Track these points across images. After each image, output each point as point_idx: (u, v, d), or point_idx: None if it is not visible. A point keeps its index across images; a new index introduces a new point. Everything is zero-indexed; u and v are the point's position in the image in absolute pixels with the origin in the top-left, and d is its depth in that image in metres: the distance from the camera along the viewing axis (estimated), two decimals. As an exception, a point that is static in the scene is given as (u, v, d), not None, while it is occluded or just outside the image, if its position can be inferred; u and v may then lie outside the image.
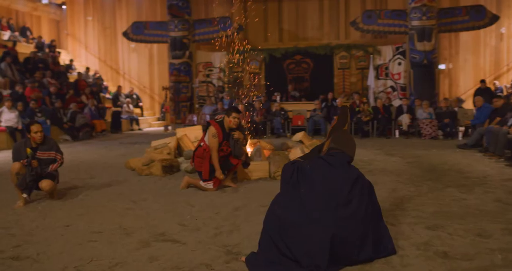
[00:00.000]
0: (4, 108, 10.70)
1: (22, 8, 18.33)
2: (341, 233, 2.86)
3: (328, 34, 16.54)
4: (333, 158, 3.08)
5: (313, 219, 2.90)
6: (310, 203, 2.94)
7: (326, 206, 2.92)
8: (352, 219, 2.91)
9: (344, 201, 2.94)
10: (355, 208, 2.94)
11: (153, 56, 18.72)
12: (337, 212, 2.91)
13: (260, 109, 12.88)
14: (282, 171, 3.15)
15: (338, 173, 3.01)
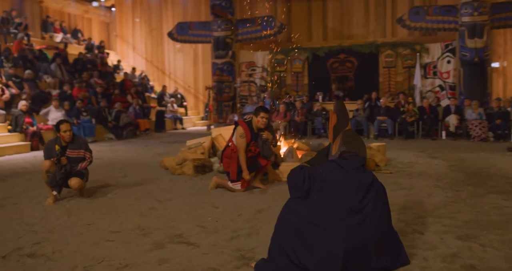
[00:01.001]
0: (52, 108, 11.11)
1: (74, 11, 19.04)
2: (355, 240, 2.67)
3: (373, 32, 16.06)
4: (347, 161, 2.89)
5: (326, 226, 2.73)
6: (322, 209, 2.77)
7: (340, 212, 2.74)
8: (367, 226, 2.71)
9: (359, 206, 2.74)
10: (370, 214, 2.74)
11: (198, 56, 18.91)
12: (351, 218, 2.72)
13: (301, 109, 12.67)
14: (291, 176, 2.96)
15: (352, 177, 2.82)
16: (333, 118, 3.28)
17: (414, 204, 4.55)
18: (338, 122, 3.23)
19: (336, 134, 3.16)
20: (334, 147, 3.07)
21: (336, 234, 2.68)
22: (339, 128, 3.19)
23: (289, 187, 2.98)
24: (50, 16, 17.91)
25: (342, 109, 3.35)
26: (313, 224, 2.75)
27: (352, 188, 2.77)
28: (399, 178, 6.06)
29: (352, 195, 2.76)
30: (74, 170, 5.03)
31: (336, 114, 3.28)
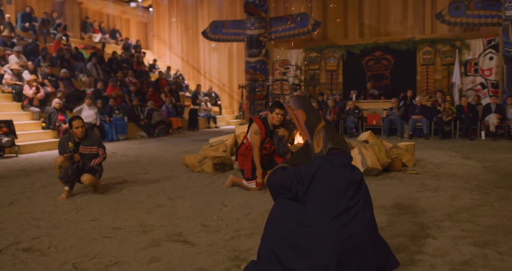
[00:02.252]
0: (85, 105, 11.32)
1: (112, 12, 19.45)
2: (347, 239, 2.48)
3: (412, 28, 15.49)
4: (336, 158, 2.68)
5: (316, 226, 2.53)
6: (312, 209, 2.57)
7: (331, 210, 2.54)
8: (358, 223, 2.53)
9: (350, 204, 2.56)
10: (361, 211, 2.56)
11: (232, 55, 18.90)
12: (342, 217, 2.52)
13: (333, 108, 12.37)
14: (274, 179, 2.73)
15: (343, 174, 2.62)
16: (300, 114, 3.06)
17: (435, 206, 4.25)
18: (309, 118, 3.02)
19: (311, 131, 2.96)
20: (316, 144, 2.86)
21: (327, 234, 2.49)
22: (312, 124, 2.98)
23: (271, 191, 2.76)
24: (89, 17, 18.38)
25: (306, 103, 3.17)
26: (303, 225, 2.57)
27: (343, 185, 2.58)
28: (425, 178, 5.73)
29: (343, 192, 2.57)
30: (87, 166, 5.02)
31: (302, 109, 3.06)
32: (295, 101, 3.19)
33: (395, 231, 3.47)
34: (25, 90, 10.54)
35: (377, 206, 4.32)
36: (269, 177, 2.78)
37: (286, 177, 2.65)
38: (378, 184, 5.47)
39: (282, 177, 2.67)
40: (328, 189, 2.58)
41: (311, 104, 3.15)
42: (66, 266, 2.91)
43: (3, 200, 4.90)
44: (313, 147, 2.89)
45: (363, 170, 5.93)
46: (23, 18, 14.64)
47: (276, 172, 2.74)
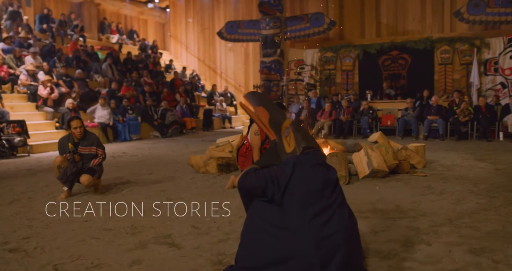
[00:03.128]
0: (98, 106, 11.42)
1: (130, 13, 19.62)
2: (327, 238, 2.42)
3: (430, 27, 15.15)
4: (312, 157, 2.60)
5: (295, 227, 2.44)
6: (290, 211, 2.48)
7: (310, 211, 2.46)
8: (337, 220, 2.47)
9: (327, 203, 2.48)
10: (340, 209, 2.50)
11: (248, 55, 18.84)
12: (321, 216, 2.44)
13: (347, 108, 12.18)
14: (247, 180, 2.62)
15: (320, 174, 2.54)
16: (262, 112, 2.87)
17: (436, 210, 4.10)
18: (272, 115, 2.85)
19: (277, 130, 2.82)
20: (287, 144, 2.75)
21: (308, 234, 2.42)
22: (277, 122, 2.83)
23: (243, 193, 2.66)
24: (107, 18, 18.57)
25: (265, 100, 2.97)
26: (281, 228, 2.48)
27: (320, 184, 2.51)
28: (433, 181, 5.56)
29: (320, 192, 2.50)
30: (86, 167, 5.02)
31: (262, 107, 2.88)
32: (252, 98, 2.96)
33: (389, 236, 3.35)
34: (40, 90, 10.69)
35: (377, 209, 4.20)
36: (241, 179, 2.65)
37: (260, 179, 2.55)
38: (382, 187, 5.32)
39: (256, 179, 2.57)
40: (306, 190, 2.50)
41: (271, 101, 2.97)
42: (47, 267, 2.89)
43: (4, 199, 4.94)
44: (283, 147, 2.76)
45: (368, 172, 5.79)
46: (41, 20, 14.87)
47: (249, 174, 2.63)
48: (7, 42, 11.85)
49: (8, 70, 11.08)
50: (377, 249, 3.08)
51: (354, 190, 5.20)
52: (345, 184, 5.53)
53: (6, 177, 6.60)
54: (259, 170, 2.62)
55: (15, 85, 10.99)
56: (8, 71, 11.03)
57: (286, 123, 2.80)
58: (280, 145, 2.78)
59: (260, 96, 3.02)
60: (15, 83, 10.98)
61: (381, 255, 2.96)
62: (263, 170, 2.61)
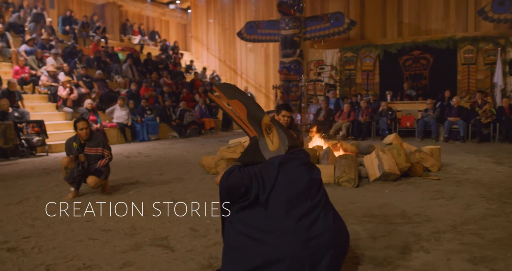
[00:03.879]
0: (117, 106, 11.56)
1: (152, 14, 19.83)
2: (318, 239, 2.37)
3: (454, 26, 14.80)
4: (297, 156, 2.55)
5: (283, 230, 2.39)
6: (276, 213, 2.43)
7: (297, 212, 2.42)
8: (326, 222, 2.44)
9: (314, 203, 2.45)
10: (325, 209, 2.47)
11: (269, 55, 18.80)
12: (309, 217, 2.41)
13: (366, 109, 12.00)
14: (230, 178, 2.51)
15: (305, 173, 2.50)
16: (238, 106, 2.68)
17: (443, 216, 3.97)
18: (250, 110, 2.69)
19: (257, 126, 2.68)
20: (270, 141, 2.66)
21: (295, 236, 2.38)
22: (256, 117, 2.67)
23: (223, 192, 2.53)
24: (129, 20, 18.81)
25: (239, 92, 2.77)
26: (266, 231, 2.43)
27: (306, 185, 2.47)
28: (445, 185, 5.40)
29: (305, 192, 2.46)
30: (93, 168, 5.06)
31: (237, 100, 2.69)
32: (225, 90, 2.75)
33: (388, 243, 3.25)
34: (59, 91, 10.89)
35: (382, 214, 4.10)
36: (224, 176, 2.53)
37: (245, 178, 2.48)
38: (392, 190, 5.21)
39: (240, 178, 2.49)
40: (291, 191, 2.46)
41: (246, 94, 2.79)
42: (40, 268, 2.91)
43: (13, 198, 5.03)
44: (266, 145, 2.66)
45: (379, 175, 5.67)
46: (63, 22, 15.17)
47: (234, 172, 2.53)
48: (30, 44, 12.12)
49: (30, 71, 11.32)
50: (373, 256, 2.99)
51: (363, 193, 5.10)
52: (354, 187, 5.44)
53: (22, 176, 6.74)
54: (243, 168, 2.54)
55: (36, 86, 11.22)
56: (30, 72, 11.28)
57: (266, 120, 2.69)
58: (263, 142, 2.67)
59: (234, 89, 2.81)
60: (36, 84, 11.22)
61: (376, 262, 2.88)
62: (248, 168, 2.54)
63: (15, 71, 10.97)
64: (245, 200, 2.49)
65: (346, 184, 5.52)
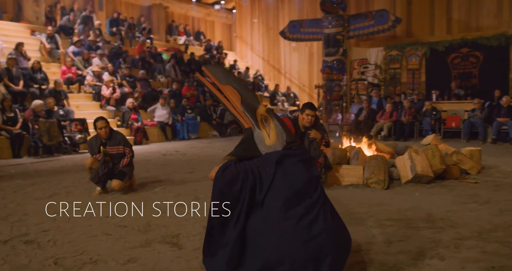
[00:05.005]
0: (158, 105, 11.80)
1: (197, 15, 20.11)
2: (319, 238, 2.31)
3: (507, 22, 13.98)
4: (294, 153, 2.45)
5: (284, 231, 2.32)
6: (275, 213, 2.35)
7: (296, 212, 2.34)
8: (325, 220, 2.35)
9: (312, 201, 2.36)
10: (324, 208, 2.37)
11: (313, 54, 18.58)
12: (308, 216, 2.32)
13: (409, 109, 11.59)
14: (226, 174, 2.42)
15: (304, 171, 2.41)
16: (231, 92, 2.51)
17: (471, 221, 3.74)
18: (245, 98, 2.54)
19: (251, 115, 2.53)
20: (267, 135, 2.54)
21: (296, 237, 2.29)
22: (251, 106, 2.52)
23: (218, 188, 2.42)
24: (175, 21, 19.17)
25: (232, 77, 2.59)
26: (266, 234, 2.35)
27: (303, 182, 2.39)
28: (482, 189, 5.11)
29: (304, 190, 2.38)
30: (117, 167, 5.13)
31: (230, 86, 2.53)
32: (217, 73, 2.58)
33: (403, 247, 3.09)
34: (103, 90, 11.24)
35: (405, 217, 3.92)
36: (220, 172, 2.43)
37: (240, 175, 2.39)
38: (423, 193, 4.98)
39: (236, 174, 2.40)
40: (290, 189, 2.37)
41: (240, 79, 2.58)
42: (49, 261, 2.98)
43: (45, 193, 5.21)
44: (263, 138, 2.53)
45: (411, 177, 5.44)
46: (111, 24, 15.67)
47: (229, 167, 2.43)
48: (77, 45, 12.60)
49: (77, 72, 11.77)
50: (383, 260, 2.85)
51: (391, 195, 4.91)
52: (383, 188, 5.25)
53: (61, 172, 6.99)
54: (239, 164, 2.45)
55: (82, 86, 11.64)
56: (76, 72, 11.72)
57: (262, 110, 2.55)
58: (259, 135, 2.54)
59: (227, 72, 2.64)
60: (82, 84, 11.64)
61: (384, 267, 2.74)
62: (244, 164, 2.44)
63: (62, 71, 11.43)
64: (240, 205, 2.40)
65: (375, 186, 5.33)
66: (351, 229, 3.54)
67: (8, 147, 8.59)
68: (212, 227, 2.45)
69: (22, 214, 4.22)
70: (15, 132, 8.60)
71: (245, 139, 2.61)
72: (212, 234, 2.44)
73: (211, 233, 2.46)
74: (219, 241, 2.41)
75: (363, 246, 3.13)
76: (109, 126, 5.15)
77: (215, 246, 2.43)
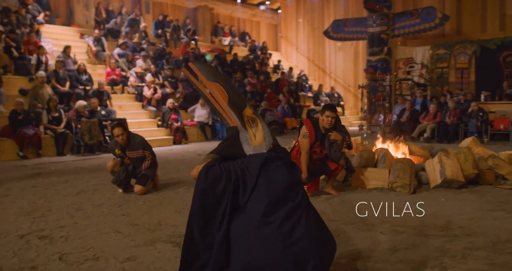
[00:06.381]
0: (198, 105, 11.99)
1: (243, 16, 20.27)
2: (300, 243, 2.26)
3: None
4: (279, 156, 2.41)
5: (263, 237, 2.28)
6: (256, 218, 2.31)
7: (277, 216, 2.29)
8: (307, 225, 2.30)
9: (294, 205, 2.31)
10: (306, 211, 2.32)
11: (358, 54, 18.25)
12: (289, 221, 2.28)
13: (454, 110, 11.12)
14: (210, 174, 2.34)
15: (286, 174, 2.37)
16: (218, 90, 2.46)
17: (490, 231, 3.54)
18: (232, 97, 2.48)
19: (237, 115, 2.49)
20: (253, 135, 2.49)
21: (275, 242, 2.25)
22: (237, 106, 2.46)
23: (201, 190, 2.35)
24: (220, 22, 19.41)
25: (219, 75, 2.53)
26: (246, 238, 2.32)
27: (286, 186, 2.35)
28: (516, 196, 4.82)
29: (286, 194, 2.34)
30: (138, 171, 5.24)
31: (217, 84, 2.47)
32: (204, 70, 2.52)
33: (407, 256, 2.98)
34: (144, 91, 11.58)
35: (421, 224, 3.77)
36: (203, 171, 2.36)
37: (224, 175, 2.34)
38: (450, 199, 4.76)
39: (220, 175, 2.35)
40: (272, 193, 2.32)
41: (228, 79, 2.63)
42: (54, 256, 3.11)
43: (73, 190, 5.44)
44: (248, 138, 2.50)
45: (440, 181, 5.22)
46: (156, 26, 16.09)
47: (213, 167, 2.37)
48: (122, 47, 13.04)
49: (121, 73, 12.18)
50: (380, 269, 2.76)
51: (415, 200, 4.72)
52: (409, 193, 5.06)
53: (96, 170, 7.27)
54: (223, 163, 2.41)
55: (125, 87, 12.04)
56: (120, 73, 12.13)
57: (249, 112, 2.52)
58: (244, 135, 2.51)
59: (214, 70, 2.61)
60: (125, 85, 12.04)
61: (380, 276, 2.65)
62: (228, 164, 2.40)
63: (107, 73, 11.87)
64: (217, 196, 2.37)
65: (400, 190, 5.15)
66: (358, 235, 3.47)
67: (52, 145, 9.04)
68: (191, 230, 2.39)
69: (46, 210, 4.43)
70: (59, 132, 9.04)
71: (230, 136, 2.58)
72: (192, 237, 2.39)
73: (191, 237, 2.38)
74: (199, 246, 2.38)
75: (364, 253, 3.04)
76: (127, 132, 5.18)
77: (194, 252, 2.39)
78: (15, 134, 8.58)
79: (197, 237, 2.37)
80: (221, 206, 2.37)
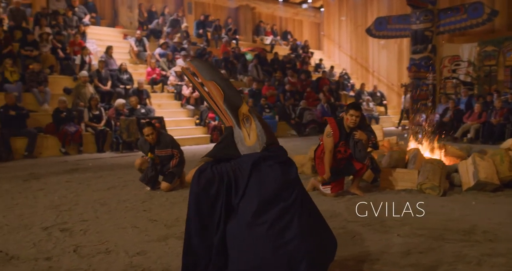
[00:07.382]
0: (235, 104, 12.05)
1: (284, 14, 20.22)
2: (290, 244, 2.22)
3: None
4: (273, 155, 2.36)
5: (254, 238, 2.26)
6: (247, 219, 2.29)
7: (268, 217, 2.26)
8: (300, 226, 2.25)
9: (287, 205, 2.27)
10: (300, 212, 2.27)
11: (402, 52, 17.76)
12: (280, 222, 2.24)
13: (501, 109, 10.61)
14: (202, 178, 2.33)
15: (278, 175, 2.32)
16: (214, 88, 2.41)
17: (504, 236, 3.35)
18: (228, 96, 2.43)
19: (234, 115, 2.45)
20: (247, 135, 2.44)
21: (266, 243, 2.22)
22: (234, 105, 2.42)
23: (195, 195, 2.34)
24: (262, 21, 19.44)
25: (217, 73, 2.48)
26: (239, 240, 2.30)
27: (279, 186, 2.31)
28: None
29: (278, 194, 2.29)
30: (167, 169, 5.33)
31: (214, 82, 2.42)
32: (202, 69, 2.49)
33: (419, 260, 2.87)
34: (183, 90, 11.79)
35: (443, 227, 3.62)
36: (195, 176, 2.36)
37: (216, 178, 2.33)
38: (482, 202, 4.55)
39: (212, 178, 2.34)
40: (263, 193, 2.29)
41: (226, 77, 2.54)
42: (70, 248, 3.22)
43: (104, 186, 5.62)
44: (243, 137, 2.46)
45: (473, 184, 4.99)
46: (198, 26, 16.32)
47: (206, 171, 2.36)
48: (163, 47, 13.32)
49: (161, 72, 12.45)
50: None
51: (444, 203, 4.55)
52: (439, 195, 4.88)
53: (130, 166, 7.41)
54: (216, 166, 2.39)
55: (165, 86, 12.30)
56: (160, 73, 12.41)
57: (244, 109, 2.48)
58: (239, 135, 2.47)
59: (212, 68, 2.56)
60: (165, 84, 12.30)
61: (385, 279, 2.57)
62: (220, 166, 2.38)
63: (148, 72, 12.18)
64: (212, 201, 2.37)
65: (430, 192, 4.97)
66: (374, 237, 3.38)
67: (93, 142, 9.38)
68: (190, 236, 2.38)
69: (74, 204, 4.60)
70: (99, 129, 9.36)
71: (224, 138, 2.56)
72: (190, 244, 2.37)
73: (189, 243, 2.38)
74: (198, 252, 2.37)
75: (373, 256, 2.95)
76: (156, 131, 5.27)
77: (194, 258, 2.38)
78: (58, 132, 8.96)
79: (196, 243, 2.36)
80: (216, 209, 2.36)
